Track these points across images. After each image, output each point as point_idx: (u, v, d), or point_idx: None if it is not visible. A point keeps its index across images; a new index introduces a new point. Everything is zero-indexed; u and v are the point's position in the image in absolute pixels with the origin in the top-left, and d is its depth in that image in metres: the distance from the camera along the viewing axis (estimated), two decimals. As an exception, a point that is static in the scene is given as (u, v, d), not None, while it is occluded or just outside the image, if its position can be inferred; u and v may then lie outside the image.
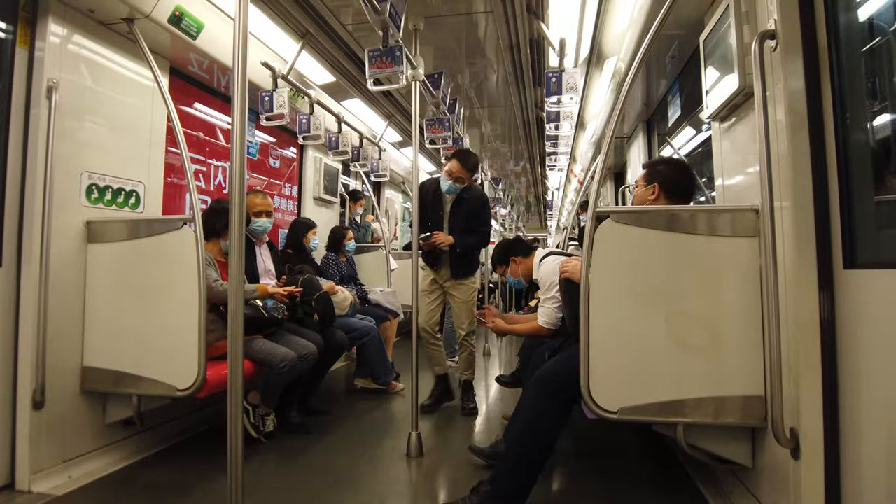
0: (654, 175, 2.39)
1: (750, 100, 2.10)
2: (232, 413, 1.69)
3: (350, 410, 3.84)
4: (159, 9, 2.72)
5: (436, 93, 3.82)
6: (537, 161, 9.10)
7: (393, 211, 8.03)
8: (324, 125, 4.19)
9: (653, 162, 2.52)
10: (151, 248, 2.64)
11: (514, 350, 6.41)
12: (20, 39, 2.48)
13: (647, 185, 2.40)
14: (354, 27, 3.87)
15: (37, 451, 2.45)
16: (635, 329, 2.10)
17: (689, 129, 3.95)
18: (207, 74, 3.63)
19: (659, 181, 2.36)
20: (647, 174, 2.43)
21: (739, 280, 2.04)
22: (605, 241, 2.11)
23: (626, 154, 5.63)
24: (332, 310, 3.68)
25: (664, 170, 2.40)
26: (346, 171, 6.24)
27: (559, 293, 2.79)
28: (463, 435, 3.38)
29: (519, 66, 4.65)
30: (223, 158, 4.20)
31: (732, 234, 2.05)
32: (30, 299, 2.43)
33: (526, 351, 3.48)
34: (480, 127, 6.85)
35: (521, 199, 15.10)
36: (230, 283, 1.69)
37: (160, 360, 2.57)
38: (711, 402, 2.04)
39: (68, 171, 2.58)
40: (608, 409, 2.06)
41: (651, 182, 2.38)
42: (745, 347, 2.02)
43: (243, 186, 1.69)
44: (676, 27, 2.95)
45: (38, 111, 2.47)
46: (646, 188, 2.39)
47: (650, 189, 2.37)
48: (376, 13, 2.60)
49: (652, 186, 2.37)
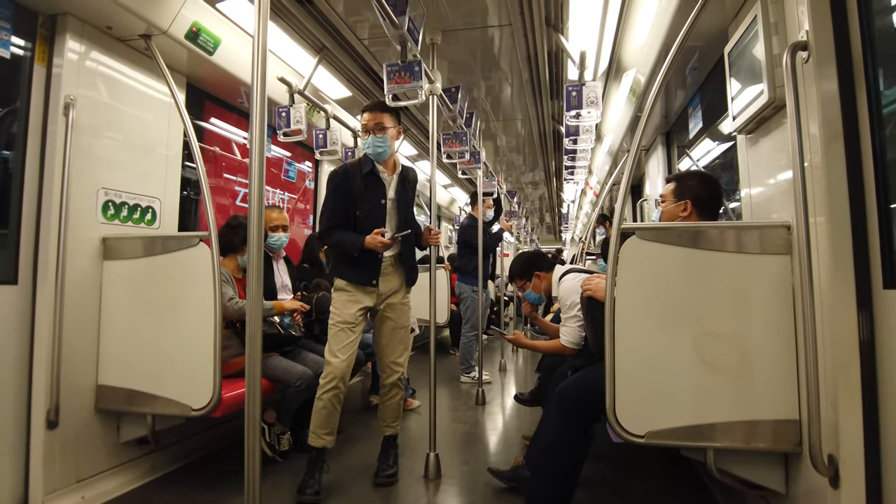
0: (685, 191, 2.32)
1: (779, 112, 2.04)
2: (249, 437, 1.63)
3: (365, 429, 3.78)
4: (176, 25, 2.73)
5: (452, 107, 3.79)
6: (552, 173, 9.05)
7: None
8: (340, 140, 4.18)
9: (682, 176, 2.44)
10: (167, 264, 2.61)
11: (530, 366, 6.33)
12: (38, 56, 2.49)
13: (677, 200, 2.33)
14: (370, 42, 3.86)
15: (50, 472, 2.42)
16: (662, 350, 2.02)
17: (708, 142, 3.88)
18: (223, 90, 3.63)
19: (691, 197, 2.29)
20: (676, 189, 2.36)
21: (770, 299, 1.96)
22: (630, 259, 2.05)
23: (643, 167, 5.56)
24: None
25: (696, 186, 2.33)
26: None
27: (581, 312, 2.73)
28: (482, 456, 3.30)
29: (536, 79, 4.62)
30: (237, 173, 4.20)
31: (762, 252, 1.98)
32: (45, 317, 2.42)
33: (545, 369, 3.40)
34: (495, 140, 6.82)
35: (536, 212, 15.04)
36: (248, 303, 1.65)
37: (175, 379, 2.54)
38: (742, 427, 1.95)
39: (85, 188, 2.58)
40: (635, 433, 1.99)
41: (682, 198, 2.31)
42: (776, 370, 1.94)
43: (262, 203, 1.66)
44: (698, 39, 2.89)
45: (55, 128, 2.48)
46: (676, 204, 2.32)
47: (682, 205, 2.31)
48: (395, 28, 2.59)
49: (684, 203, 2.30)
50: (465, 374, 5.40)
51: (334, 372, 2.67)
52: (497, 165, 8.17)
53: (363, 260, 2.78)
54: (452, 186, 9.17)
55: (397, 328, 2.93)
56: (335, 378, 2.67)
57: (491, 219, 5.83)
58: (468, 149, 4.32)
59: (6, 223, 2.43)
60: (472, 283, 5.35)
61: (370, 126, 2.79)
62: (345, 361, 2.69)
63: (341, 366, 2.68)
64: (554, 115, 5.69)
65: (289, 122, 3.54)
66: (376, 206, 2.84)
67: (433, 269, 3.13)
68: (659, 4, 2.71)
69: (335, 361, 2.68)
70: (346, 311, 2.76)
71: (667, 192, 2.40)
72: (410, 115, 5.54)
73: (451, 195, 9.49)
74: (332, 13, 3.43)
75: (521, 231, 10.36)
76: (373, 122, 2.78)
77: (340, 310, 2.77)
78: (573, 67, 3.55)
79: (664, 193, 2.42)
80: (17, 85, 2.46)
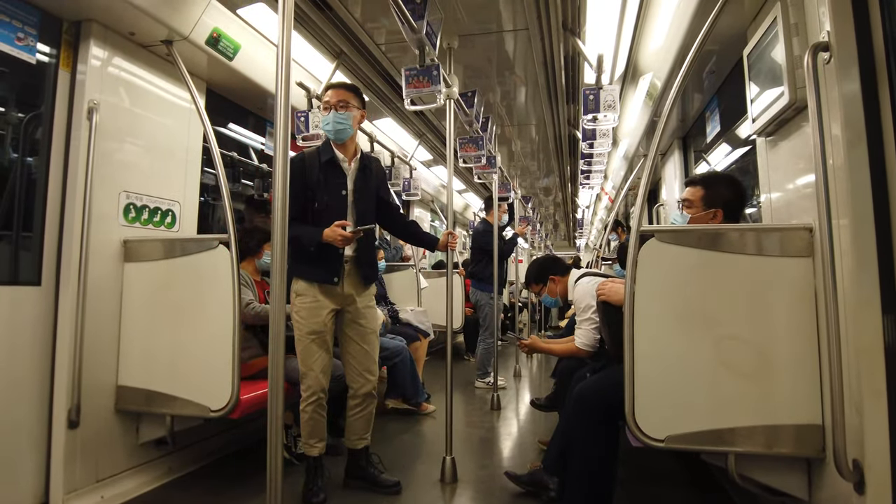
0: (716, 198, 2.27)
1: (800, 114, 2.02)
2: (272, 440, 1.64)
3: (381, 432, 3.78)
4: (197, 31, 2.77)
5: (469, 111, 3.80)
6: (567, 178, 9.03)
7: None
8: (357, 144, 4.20)
9: (710, 181, 2.36)
10: (186, 267, 2.64)
11: (545, 372, 6.30)
12: (63, 62, 2.54)
13: (707, 207, 2.28)
14: (388, 47, 3.90)
15: (71, 471, 2.45)
16: (682, 353, 2.01)
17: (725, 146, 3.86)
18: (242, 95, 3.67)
19: (722, 205, 2.25)
20: (707, 196, 2.29)
21: (792, 302, 1.94)
22: (649, 262, 2.03)
23: (659, 171, 5.53)
24: None
25: (727, 192, 2.27)
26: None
27: (595, 315, 2.72)
28: (498, 460, 3.29)
29: (553, 83, 4.62)
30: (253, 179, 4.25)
31: (783, 254, 1.96)
32: (67, 318, 2.46)
33: (562, 373, 3.39)
34: (510, 145, 6.82)
35: (550, 217, 15.00)
36: (272, 306, 1.66)
37: (194, 379, 2.56)
38: (764, 431, 1.93)
39: (107, 191, 2.62)
40: (655, 437, 1.97)
41: (713, 206, 2.26)
42: (799, 373, 1.91)
43: (285, 208, 1.67)
44: (716, 42, 2.88)
45: (78, 132, 2.52)
46: (706, 212, 2.27)
47: (712, 213, 2.26)
48: (413, 32, 2.61)
49: (714, 211, 2.26)
50: (481, 379, 5.39)
51: (314, 386, 2.59)
52: (512, 170, 8.17)
53: (323, 256, 2.58)
54: (466, 192, 9.18)
55: (368, 333, 2.75)
56: (315, 391, 2.59)
57: (505, 224, 5.83)
58: (484, 153, 4.32)
59: (30, 226, 2.47)
60: (488, 290, 5.34)
61: (332, 102, 2.61)
62: (322, 373, 2.61)
63: (320, 378, 2.60)
64: (569, 119, 5.69)
65: (307, 127, 3.57)
66: (336, 196, 2.63)
67: (450, 275, 3.13)
68: (677, 8, 2.71)
69: (312, 374, 2.59)
70: (313, 319, 2.59)
71: (694, 198, 2.33)
72: (426, 119, 5.57)
73: (465, 200, 9.50)
74: (351, 18, 3.47)
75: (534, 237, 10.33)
76: (335, 99, 2.61)
77: (306, 319, 2.60)
78: (590, 71, 3.55)
79: (691, 199, 2.35)
80: (43, 90, 2.52)
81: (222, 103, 3.66)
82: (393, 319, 4.71)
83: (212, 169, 3.25)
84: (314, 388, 2.59)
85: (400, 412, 4.25)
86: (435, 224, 9.02)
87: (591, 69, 3.52)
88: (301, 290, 2.62)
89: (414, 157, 5.84)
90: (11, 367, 2.33)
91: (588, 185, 6.37)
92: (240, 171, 4.41)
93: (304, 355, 2.61)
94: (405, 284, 5.65)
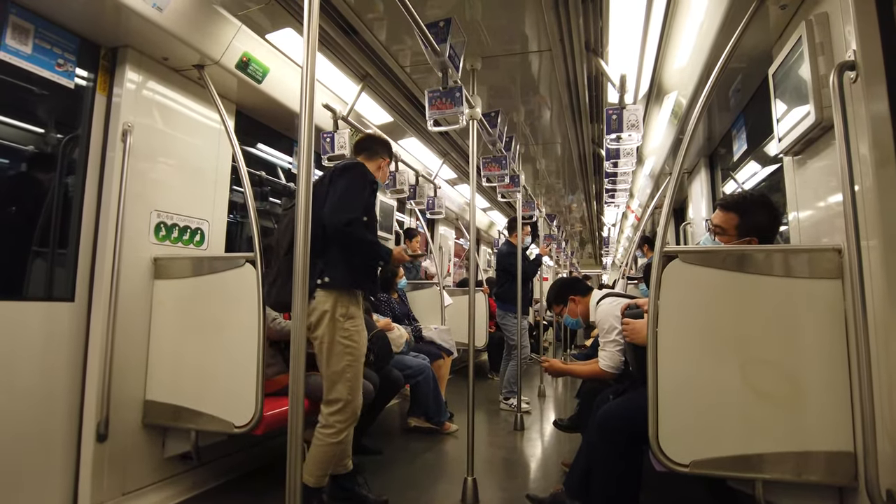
0: (751, 227, 2.16)
1: (827, 134, 1.99)
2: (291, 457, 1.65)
3: (403, 451, 3.77)
4: (228, 55, 2.86)
5: (492, 131, 3.83)
6: (593, 196, 8.98)
7: (447, 247, 8.06)
8: (381, 164, 4.26)
9: (745, 208, 2.21)
10: (213, 284, 2.70)
11: (570, 392, 6.22)
12: (99, 86, 2.65)
13: (741, 235, 2.17)
14: (412, 68, 3.95)
15: (98, 483, 2.50)
16: (707, 376, 1.97)
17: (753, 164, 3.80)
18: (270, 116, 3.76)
19: (757, 234, 2.15)
20: (741, 224, 2.18)
21: (820, 324, 1.89)
22: (673, 283, 2.01)
23: (686, 189, 5.47)
24: (389, 349, 3.66)
25: (763, 220, 2.17)
26: (401, 208, 6.31)
27: (620, 336, 2.69)
28: (520, 482, 3.25)
29: (576, 103, 4.63)
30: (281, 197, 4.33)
31: (811, 276, 1.92)
32: (98, 333, 2.52)
33: (585, 395, 3.35)
34: (534, 163, 6.83)
35: (576, 236, 14.91)
36: (293, 322, 1.68)
37: (219, 396, 2.60)
38: (793, 458, 1.87)
39: (139, 210, 2.70)
40: (679, 462, 1.93)
41: (748, 234, 2.16)
42: (829, 398, 1.85)
43: (308, 226, 1.70)
44: (741, 61, 2.87)
45: (113, 154, 2.62)
46: (741, 240, 2.16)
47: (744, 242, 2.15)
48: (436, 55, 2.65)
49: (750, 240, 2.15)
50: (504, 400, 5.34)
51: (358, 411, 2.56)
52: (537, 189, 8.16)
53: (371, 271, 2.67)
54: (491, 210, 9.19)
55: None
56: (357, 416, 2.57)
57: (528, 244, 5.80)
58: (507, 172, 4.34)
59: (66, 243, 2.56)
60: (513, 311, 5.31)
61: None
62: (360, 397, 2.58)
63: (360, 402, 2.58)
64: (594, 138, 5.68)
65: (333, 148, 3.63)
66: (373, 216, 2.70)
67: (472, 293, 3.13)
68: (700, 27, 2.70)
69: (358, 401, 2.56)
70: (363, 341, 2.57)
71: (728, 225, 2.22)
72: (450, 139, 5.61)
73: (490, 218, 9.51)
74: (376, 42, 3.53)
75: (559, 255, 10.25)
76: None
77: (359, 343, 2.54)
78: (613, 91, 3.55)
79: (724, 226, 2.24)
80: (80, 113, 2.62)
81: (251, 124, 3.75)
82: (416, 337, 4.72)
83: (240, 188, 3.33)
84: (358, 413, 2.57)
85: (422, 431, 4.23)
86: (460, 242, 9.04)
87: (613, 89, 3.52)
88: (352, 312, 2.53)
89: (438, 175, 5.88)
90: (45, 379, 2.40)
91: (613, 204, 6.33)
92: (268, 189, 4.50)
93: (354, 381, 2.54)
94: (429, 302, 5.65)
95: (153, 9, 2.40)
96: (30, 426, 2.34)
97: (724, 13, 2.36)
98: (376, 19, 3.30)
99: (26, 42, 2.35)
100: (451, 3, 3.15)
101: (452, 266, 8.39)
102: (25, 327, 2.34)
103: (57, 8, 2.39)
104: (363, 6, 3.15)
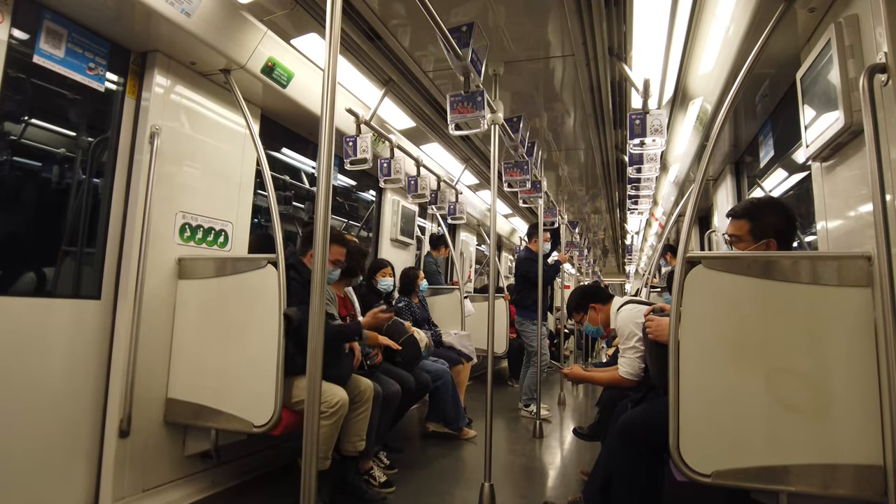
0: (765, 229, 2.13)
1: (857, 138, 1.94)
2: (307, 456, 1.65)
3: (421, 455, 3.76)
4: (254, 60, 2.90)
5: (514, 136, 3.82)
6: (616, 204, 8.90)
7: (468, 253, 8.05)
8: (404, 169, 4.28)
9: (756, 212, 2.20)
10: (236, 285, 2.73)
11: (590, 400, 6.15)
12: (129, 90, 2.71)
13: (757, 240, 2.13)
14: (435, 74, 3.97)
15: (120, 479, 2.54)
16: (730, 385, 1.92)
17: (781, 171, 3.73)
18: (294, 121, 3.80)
19: (774, 235, 2.11)
20: (754, 228, 2.15)
21: (849, 333, 1.83)
22: (696, 289, 1.97)
23: (711, 197, 5.38)
24: (418, 352, 3.67)
25: (776, 221, 2.13)
26: (423, 213, 6.32)
27: (640, 343, 2.65)
28: (538, 490, 3.22)
29: (599, 109, 4.60)
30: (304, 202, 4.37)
31: (840, 284, 1.86)
32: (123, 331, 2.57)
33: (605, 403, 3.31)
34: (557, 170, 6.79)
35: (598, 243, 14.77)
36: (311, 323, 1.68)
37: (239, 395, 2.63)
38: (819, 470, 1.82)
39: (165, 211, 2.75)
40: (701, 472, 1.89)
41: (764, 237, 2.12)
42: (857, 409, 1.80)
43: (327, 227, 1.71)
44: (768, 66, 2.82)
45: (141, 156, 2.67)
46: (757, 245, 2.13)
47: (763, 245, 2.12)
48: (458, 60, 2.65)
49: (767, 242, 2.11)
50: (525, 406, 5.30)
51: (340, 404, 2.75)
52: (559, 195, 8.12)
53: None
54: (513, 216, 9.16)
55: None
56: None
57: (548, 251, 5.76)
58: (529, 178, 4.32)
59: (93, 243, 2.62)
60: (532, 318, 5.27)
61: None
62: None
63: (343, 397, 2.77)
64: (617, 144, 5.63)
65: (355, 152, 3.66)
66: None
67: (492, 299, 3.12)
68: (726, 31, 2.66)
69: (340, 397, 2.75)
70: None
71: (741, 232, 2.19)
72: (472, 144, 5.62)
73: (511, 225, 9.48)
74: (399, 47, 3.56)
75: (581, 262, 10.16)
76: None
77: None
78: (637, 96, 3.52)
79: (738, 233, 2.21)
80: (109, 116, 2.69)
81: (276, 128, 3.80)
82: (436, 343, 4.71)
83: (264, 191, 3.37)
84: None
85: (440, 436, 4.22)
86: (482, 248, 9.02)
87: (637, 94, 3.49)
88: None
89: (460, 181, 5.88)
90: (71, 375, 2.45)
91: (636, 211, 6.25)
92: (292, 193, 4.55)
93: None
94: (449, 307, 5.64)
95: (182, 14, 2.45)
96: (55, 420, 2.39)
97: (751, 17, 2.33)
98: (399, 24, 3.33)
99: (59, 46, 2.41)
100: (475, 10, 3.16)
101: (473, 273, 8.37)
102: (53, 323, 2.40)
103: (89, 13, 2.45)
104: (387, 11, 3.18)
